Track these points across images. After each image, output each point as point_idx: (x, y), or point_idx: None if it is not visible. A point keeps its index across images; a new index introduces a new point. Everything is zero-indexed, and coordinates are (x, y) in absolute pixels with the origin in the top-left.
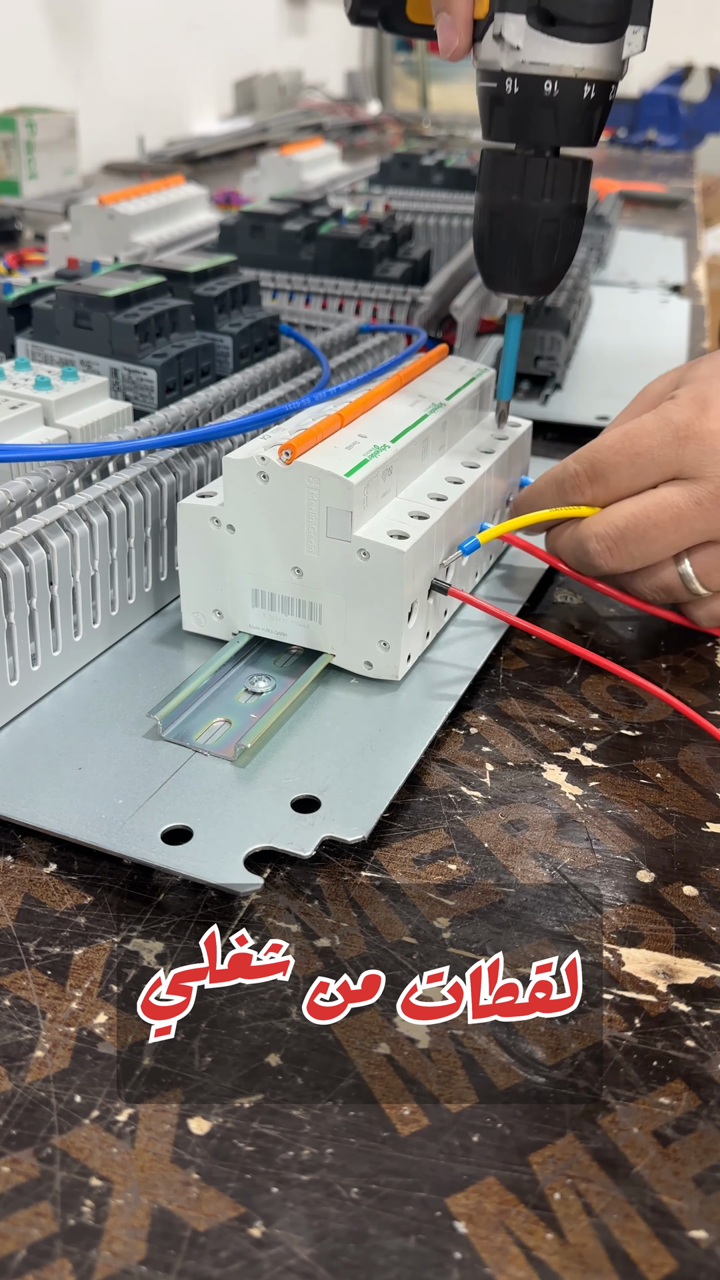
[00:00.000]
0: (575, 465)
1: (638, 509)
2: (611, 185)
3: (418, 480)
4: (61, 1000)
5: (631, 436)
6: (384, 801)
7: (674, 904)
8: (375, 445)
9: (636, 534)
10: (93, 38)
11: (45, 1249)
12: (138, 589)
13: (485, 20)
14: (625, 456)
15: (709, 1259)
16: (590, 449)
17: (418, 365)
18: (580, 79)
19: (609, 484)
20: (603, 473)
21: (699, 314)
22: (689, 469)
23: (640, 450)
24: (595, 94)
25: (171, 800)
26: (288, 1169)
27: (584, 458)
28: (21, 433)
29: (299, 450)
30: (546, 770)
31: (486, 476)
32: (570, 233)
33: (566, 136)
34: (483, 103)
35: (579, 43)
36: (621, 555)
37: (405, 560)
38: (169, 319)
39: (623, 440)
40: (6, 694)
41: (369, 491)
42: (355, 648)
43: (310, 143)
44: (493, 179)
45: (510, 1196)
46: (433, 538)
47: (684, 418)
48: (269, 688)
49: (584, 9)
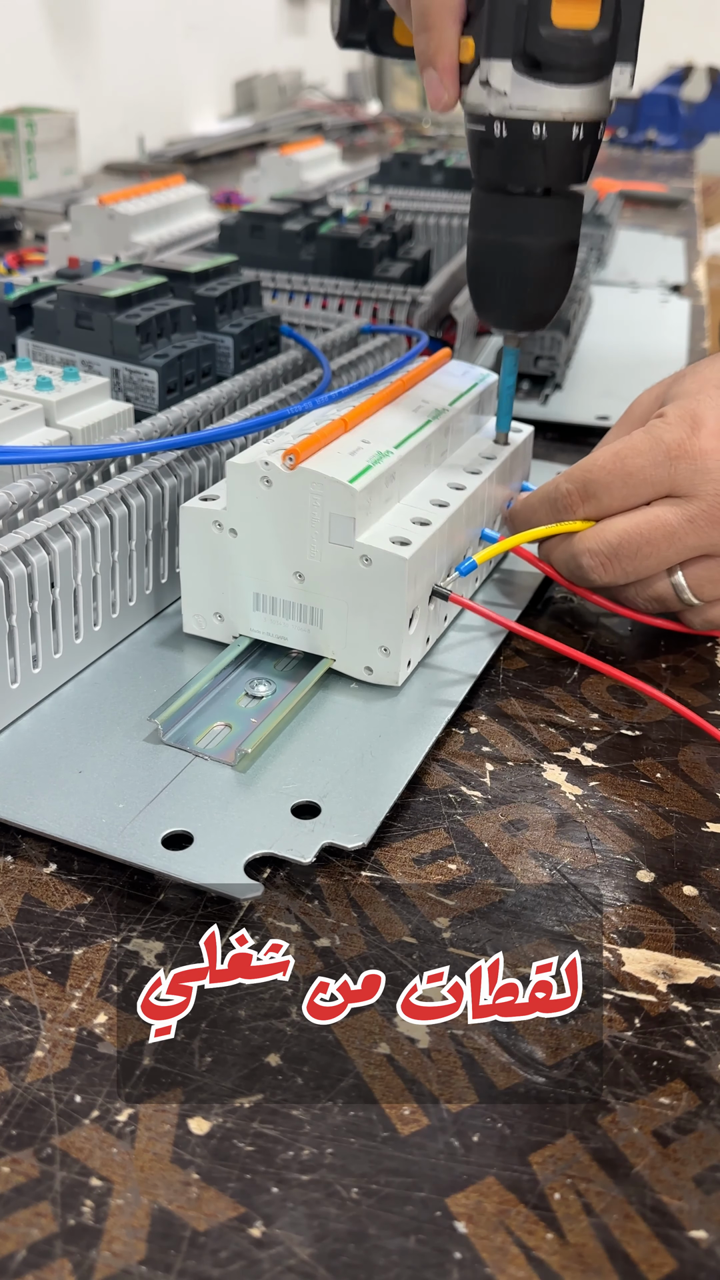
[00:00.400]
0: (567, 484)
1: (630, 526)
2: (611, 185)
3: (420, 486)
4: (61, 1000)
5: (623, 456)
6: (384, 808)
7: (674, 904)
8: (378, 451)
9: (629, 550)
10: (93, 38)
11: (45, 1249)
12: (138, 591)
13: (471, 65)
14: (617, 476)
15: (709, 1259)
16: (582, 468)
17: (420, 370)
18: (568, 121)
19: (601, 503)
20: (595, 492)
21: (699, 314)
22: (681, 487)
23: (632, 470)
24: (584, 134)
25: (172, 805)
26: (288, 1169)
27: (576, 477)
28: (23, 433)
29: (302, 456)
30: (546, 770)
31: (488, 483)
32: (563, 269)
33: (556, 178)
34: (471, 145)
35: (566, 85)
36: (615, 570)
37: (407, 568)
38: (170, 319)
39: (614, 460)
40: (7, 696)
41: (372, 498)
42: (356, 653)
43: (310, 143)
44: (484, 217)
45: (510, 1196)
46: (435, 544)
47: (675, 437)
48: (269, 692)
49: (569, 54)
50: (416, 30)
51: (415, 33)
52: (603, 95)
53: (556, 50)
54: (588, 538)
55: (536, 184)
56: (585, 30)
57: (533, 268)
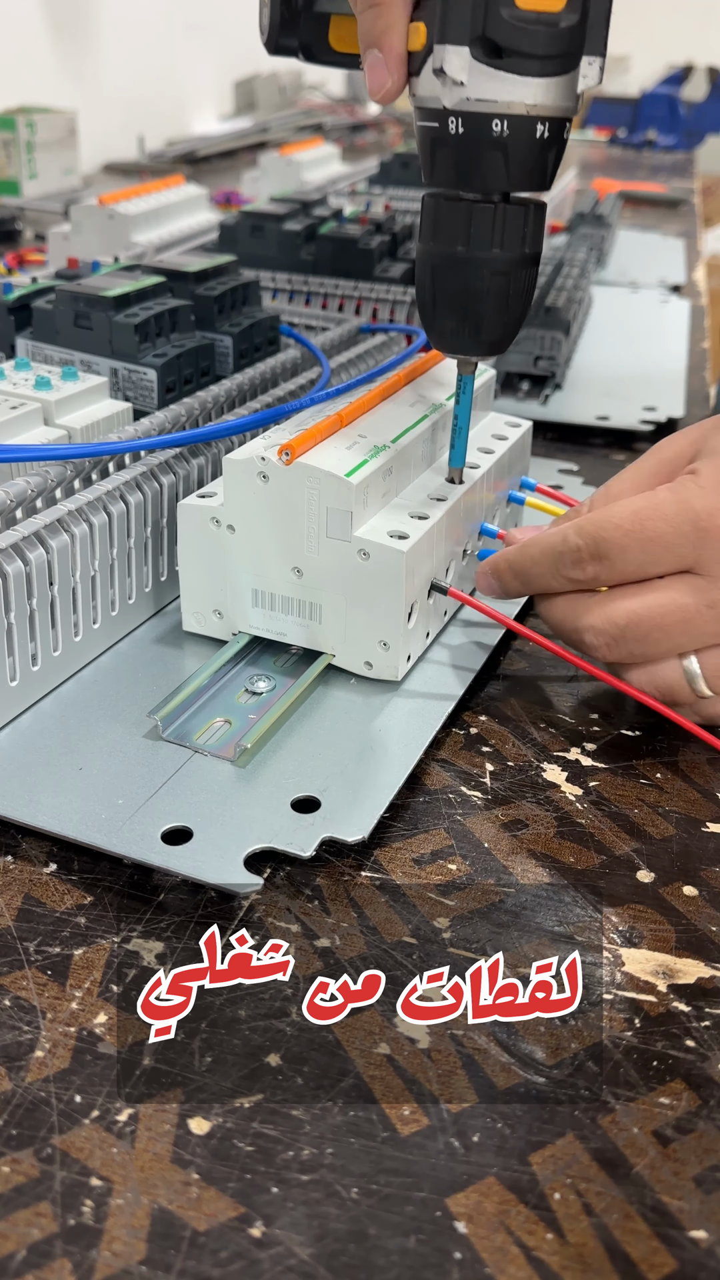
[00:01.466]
0: (578, 539)
1: (642, 608)
2: (611, 185)
3: (418, 481)
4: (61, 1000)
5: (644, 518)
6: (384, 802)
7: (674, 904)
8: (375, 446)
9: (639, 634)
10: (93, 38)
11: (45, 1249)
12: (138, 589)
13: (422, 53)
14: (636, 540)
15: (709, 1259)
16: (595, 523)
17: (418, 365)
18: (533, 116)
19: (614, 566)
20: (607, 553)
21: (699, 314)
22: (706, 565)
23: (653, 535)
24: (549, 133)
25: (171, 801)
26: (288, 1169)
27: (588, 532)
28: (21, 432)
29: (299, 450)
30: (546, 770)
31: (486, 477)
32: (524, 286)
33: (519, 180)
34: (423, 144)
35: (530, 76)
36: (619, 652)
37: (405, 561)
38: (169, 319)
39: (634, 521)
40: (7, 694)
41: (369, 492)
42: (355, 648)
43: (310, 143)
44: (436, 228)
45: (510, 1196)
46: (433, 538)
47: (707, 505)
48: (269, 688)
49: (534, 39)
50: (362, 6)
51: (359, 10)
52: (570, 89)
53: (520, 35)
54: (593, 613)
55: (496, 187)
56: (552, 14)
57: (491, 285)
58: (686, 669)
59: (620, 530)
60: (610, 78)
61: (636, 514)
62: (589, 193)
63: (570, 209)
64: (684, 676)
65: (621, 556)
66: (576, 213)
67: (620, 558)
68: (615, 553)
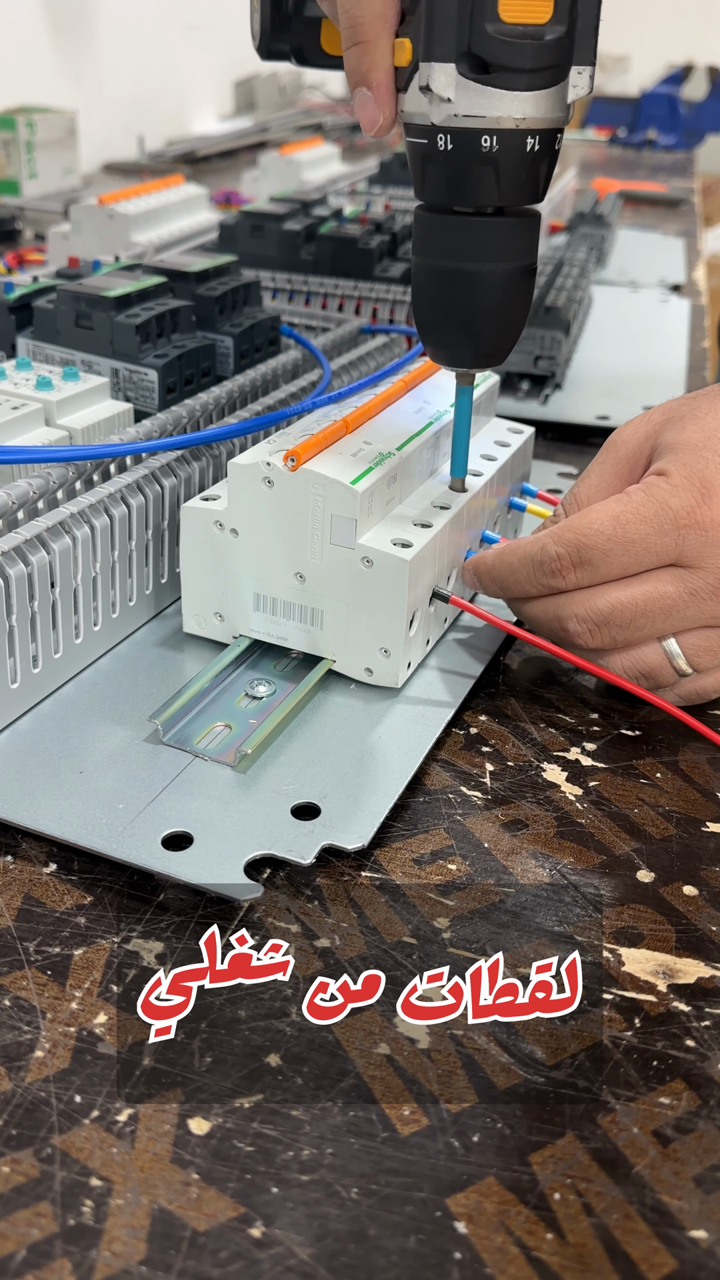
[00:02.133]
0: (557, 548)
1: (626, 597)
2: (611, 185)
3: (421, 488)
4: (61, 1000)
5: (624, 522)
6: (384, 809)
7: (674, 904)
8: (380, 453)
9: (622, 621)
10: (93, 38)
11: (45, 1249)
12: (138, 591)
13: (409, 69)
14: (618, 544)
15: (709, 1259)
16: (575, 532)
17: (421, 371)
18: (522, 130)
19: (598, 571)
20: (590, 559)
21: (699, 313)
22: (688, 558)
23: (635, 538)
24: (540, 145)
25: (172, 805)
26: (288, 1169)
27: (568, 540)
28: (23, 433)
29: (304, 457)
30: (546, 770)
31: (489, 484)
32: (519, 297)
33: (511, 194)
34: (413, 160)
35: (518, 90)
36: (602, 638)
37: (409, 569)
38: (170, 319)
39: (614, 525)
40: (7, 696)
41: (373, 499)
42: (356, 654)
43: (310, 143)
44: (430, 242)
45: (510, 1196)
46: (435, 547)
47: (683, 504)
48: (269, 692)
49: (520, 53)
50: (346, 44)
51: (345, 47)
52: (560, 100)
53: (505, 49)
54: (577, 603)
55: (488, 202)
56: (537, 26)
57: (487, 297)
58: (667, 649)
59: (602, 536)
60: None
61: (617, 519)
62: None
63: (570, 208)
64: (665, 657)
65: (605, 561)
66: (576, 212)
67: (604, 562)
68: (599, 558)
